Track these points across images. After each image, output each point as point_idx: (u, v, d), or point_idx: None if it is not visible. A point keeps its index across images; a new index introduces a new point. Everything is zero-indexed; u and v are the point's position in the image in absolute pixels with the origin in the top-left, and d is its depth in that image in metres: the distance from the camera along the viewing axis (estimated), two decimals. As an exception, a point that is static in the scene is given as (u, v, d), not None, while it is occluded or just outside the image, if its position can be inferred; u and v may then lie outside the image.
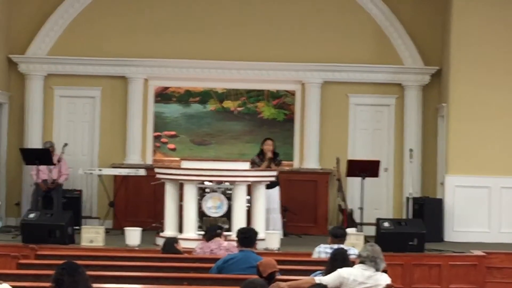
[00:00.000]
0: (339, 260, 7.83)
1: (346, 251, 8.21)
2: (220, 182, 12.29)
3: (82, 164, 14.67)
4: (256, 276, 7.31)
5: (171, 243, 9.77)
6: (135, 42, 15.08)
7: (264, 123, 15.30)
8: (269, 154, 13.42)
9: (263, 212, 12.32)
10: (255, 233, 8.84)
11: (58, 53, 15.02)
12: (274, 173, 12.84)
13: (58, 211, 12.97)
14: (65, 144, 13.81)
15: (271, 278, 7.42)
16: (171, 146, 15.29)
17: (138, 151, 15.05)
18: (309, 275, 7.85)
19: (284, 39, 15.14)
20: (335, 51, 15.13)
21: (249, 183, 12.27)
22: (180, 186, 12.30)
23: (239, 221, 11.72)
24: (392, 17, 15.08)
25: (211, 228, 10.29)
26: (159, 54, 15.05)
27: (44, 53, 15.04)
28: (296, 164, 15.16)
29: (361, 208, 13.06)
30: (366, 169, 13.28)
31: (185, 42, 15.10)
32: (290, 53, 15.10)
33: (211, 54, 15.03)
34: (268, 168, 13.23)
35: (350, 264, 7.76)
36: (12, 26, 15.01)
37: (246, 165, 12.61)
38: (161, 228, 12.60)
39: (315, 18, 15.16)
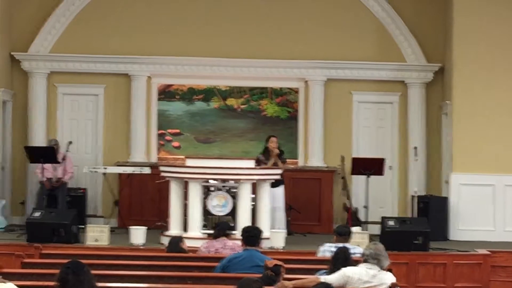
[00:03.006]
0: (341, 259, 7.85)
1: (348, 250, 8.21)
2: (225, 180, 12.27)
3: (86, 162, 14.63)
4: (260, 275, 7.30)
5: (176, 242, 9.75)
6: (138, 39, 15.06)
7: (267, 120, 15.29)
8: (276, 151, 13.38)
9: (268, 211, 12.30)
10: (259, 232, 8.83)
11: (60, 51, 15.01)
12: (280, 171, 12.81)
13: (63, 210, 12.96)
14: (70, 142, 13.80)
15: (276, 271, 7.41)
16: (175, 144, 15.28)
17: (143, 149, 15.04)
18: (313, 274, 7.86)
19: (287, 37, 15.13)
20: (338, 49, 15.12)
21: (254, 181, 12.25)
22: (185, 185, 12.29)
23: (244, 220, 11.71)
24: (394, 14, 15.07)
25: (221, 226, 10.18)
26: (162, 51, 15.03)
27: (46, 51, 15.03)
28: (300, 162, 15.15)
29: (366, 207, 13.06)
30: (370, 167, 13.26)
31: (188, 39, 15.08)
32: (293, 50, 15.10)
33: (215, 51, 15.02)
34: (275, 165, 13.19)
35: (352, 263, 7.77)
36: (14, 23, 14.99)
37: (251, 163, 12.58)
38: (165, 227, 12.60)
39: (318, 16, 15.15)
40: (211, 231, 10.87)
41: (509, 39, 13.93)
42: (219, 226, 10.12)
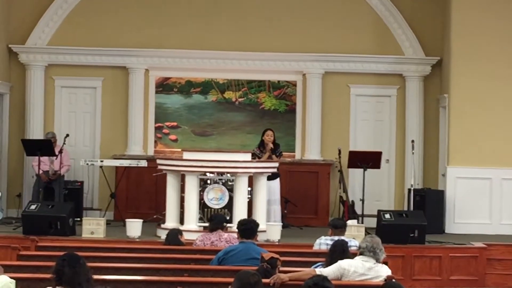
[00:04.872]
0: (339, 251, 7.85)
1: (346, 242, 8.22)
2: (221, 174, 12.28)
3: (83, 155, 14.66)
4: (256, 268, 7.31)
5: (175, 234, 9.75)
6: (136, 32, 15.05)
7: (265, 114, 15.29)
8: (270, 145, 13.39)
9: (264, 204, 12.32)
10: (256, 224, 8.82)
11: (58, 43, 15.00)
12: (276, 164, 12.83)
13: (59, 203, 12.95)
14: (67, 135, 13.80)
15: (272, 263, 7.42)
16: (173, 137, 15.28)
17: (140, 142, 15.04)
18: (309, 266, 7.86)
19: (285, 30, 15.12)
20: (336, 42, 15.11)
21: (251, 174, 12.26)
22: (182, 178, 12.30)
23: (240, 213, 11.72)
24: (392, 7, 15.06)
25: (217, 218, 10.17)
26: (160, 44, 15.02)
27: (44, 43, 15.02)
28: (297, 155, 15.15)
29: (362, 200, 13.05)
30: (367, 160, 13.25)
31: (186, 32, 15.07)
32: (291, 43, 15.08)
33: (212, 44, 15.01)
34: (269, 159, 13.21)
35: (350, 255, 7.78)
36: (12, 15, 14.98)
37: (248, 156, 12.60)
38: (162, 220, 12.62)
39: (316, 9, 15.14)
40: (207, 224, 10.87)
41: (507, 33, 13.92)
42: (216, 219, 10.11)
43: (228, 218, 11.74)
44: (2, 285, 6.42)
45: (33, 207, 12.07)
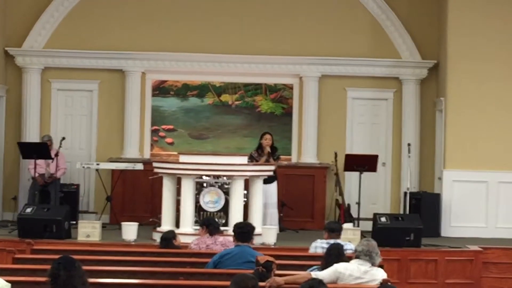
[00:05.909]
0: (334, 255, 7.85)
1: (341, 246, 8.22)
2: (217, 177, 12.27)
3: (79, 158, 14.65)
4: (252, 271, 7.31)
5: (169, 239, 9.74)
6: (132, 35, 15.05)
7: (262, 117, 15.29)
8: (268, 149, 13.38)
9: (260, 207, 12.31)
10: (252, 228, 8.84)
11: (54, 46, 14.99)
12: (272, 167, 12.82)
13: (55, 206, 12.96)
14: (63, 138, 13.78)
15: (267, 267, 7.42)
16: (169, 140, 15.28)
17: (136, 145, 15.03)
18: (305, 270, 7.86)
19: (281, 33, 15.12)
20: (332, 45, 15.11)
21: (247, 177, 12.25)
22: (178, 181, 12.29)
23: (236, 216, 11.72)
24: (388, 10, 15.06)
25: (216, 223, 10.14)
26: (156, 47, 15.02)
27: (40, 46, 15.00)
28: (294, 158, 15.15)
29: (358, 203, 13.05)
30: (363, 163, 13.27)
31: (183, 35, 15.07)
32: (287, 46, 15.09)
33: (209, 47, 15.01)
34: (267, 163, 13.18)
35: (346, 259, 7.78)
36: (8, 18, 14.97)
37: (244, 160, 12.59)
38: (158, 223, 12.61)
39: (313, 12, 15.14)
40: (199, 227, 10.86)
41: (503, 36, 13.93)
42: (215, 223, 10.10)
43: (223, 221, 11.75)
44: (-2, 288, 6.41)
45: (28, 210, 12.05)
